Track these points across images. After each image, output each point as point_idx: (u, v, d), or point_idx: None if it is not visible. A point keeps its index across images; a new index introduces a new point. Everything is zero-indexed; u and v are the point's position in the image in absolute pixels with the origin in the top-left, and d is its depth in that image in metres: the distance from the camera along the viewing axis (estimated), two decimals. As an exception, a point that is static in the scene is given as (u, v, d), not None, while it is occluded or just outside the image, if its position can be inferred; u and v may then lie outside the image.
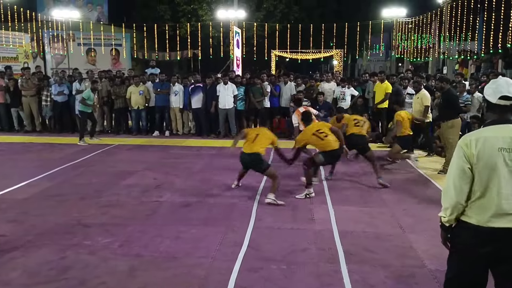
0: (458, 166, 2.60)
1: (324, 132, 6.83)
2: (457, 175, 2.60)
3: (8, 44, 22.83)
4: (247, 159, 6.69)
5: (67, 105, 12.90)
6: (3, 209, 6.01)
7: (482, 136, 2.57)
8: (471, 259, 2.60)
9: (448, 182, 2.66)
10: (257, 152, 6.61)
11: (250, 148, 6.64)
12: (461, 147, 2.61)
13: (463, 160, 2.58)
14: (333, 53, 26.62)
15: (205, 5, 28.74)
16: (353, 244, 4.87)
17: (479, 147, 2.53)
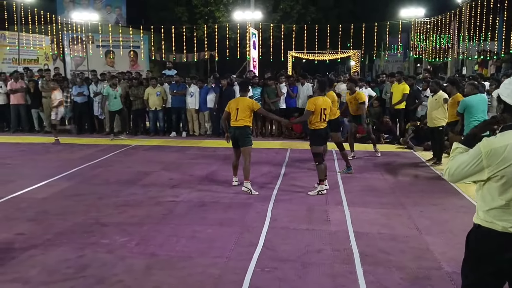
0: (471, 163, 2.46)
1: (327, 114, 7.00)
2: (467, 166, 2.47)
3: (29, 46, 23.25)
4: (236, 133, 6.96)
5: (87, 106, 13.10)
6: (23, 208, 6.14)
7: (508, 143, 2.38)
8: (491, 266, 2.47)
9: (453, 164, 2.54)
10: (244, 126, 6.96)
11: (236, 122, 6.94)
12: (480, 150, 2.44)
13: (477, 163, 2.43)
14: (350, 54, 26.45)
15: (222, 7, 28.85)
16: (369, 245, 4.85)
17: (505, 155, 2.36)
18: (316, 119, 6.87)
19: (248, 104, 7.04)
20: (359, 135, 11.69)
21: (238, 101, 7.13)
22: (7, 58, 22.91)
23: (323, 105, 6.85)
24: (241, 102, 7.08)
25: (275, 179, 7.74)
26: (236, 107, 7.00)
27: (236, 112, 6.96)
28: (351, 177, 7.97)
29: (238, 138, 7.02)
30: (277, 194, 6.86)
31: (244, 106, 6.98)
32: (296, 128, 12.50)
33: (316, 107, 6.80)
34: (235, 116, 6.97)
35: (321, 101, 6.87)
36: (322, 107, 6.83)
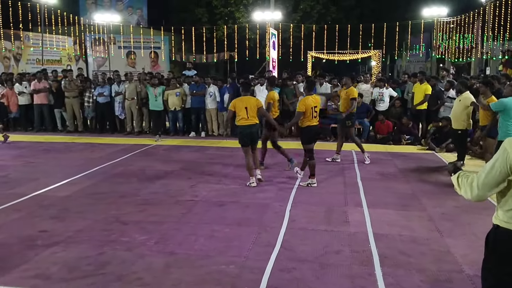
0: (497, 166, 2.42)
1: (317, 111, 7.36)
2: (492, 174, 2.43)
3: (52, 47, 23.69)
4: (250, 131, 7.33)
5: (108, 106, 13.28)
6: (46, 206, 6.25)
7: None
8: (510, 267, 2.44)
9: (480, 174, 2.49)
10: (256, 123, 7.41)
11: (249, 120, 7.29)
12: (506, 149, 2.41)
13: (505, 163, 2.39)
14: (371, 54, 26.18)
15: (241, 8, 28.92)
16: (388, 247, 4.79)
17: None
18: (308, 118, 7.21)
19: (254, 102, 7.43)
20: (379, 135, 11.60)
21: (244, 100, 7.38)
22: (31, 59, 23.38)
23: (312, 104, 7.23)
24: (248, 101, 7.37)
25: (293, 180, 7.71)
26: (244, 106, 7.27)
27: (245, 111, 7.24)
28: (371, 178, 7.89)
29: (254, 136, 7.43)
30: (296, 194, 6.83)
31: (253, 104, 7.34)
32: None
33: (306, 107, 7.14)
34: (246, 115, 7.26)
35: (310, 101, 7.23)
36: (312, 106, 7.21)
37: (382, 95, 11.93)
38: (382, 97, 11.92)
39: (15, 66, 21.99)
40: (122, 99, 13.11)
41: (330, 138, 12.01)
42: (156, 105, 12.26)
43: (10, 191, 6.94)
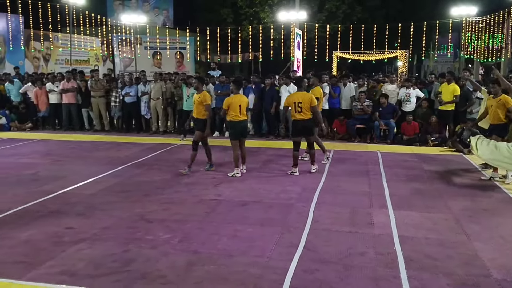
0: None
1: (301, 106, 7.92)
2: None
3: (80, 48, 24.16)
4: (241, 126, 8.08)
5: (135, 106, 13.45)
6: (73, 203, 6.37)
7: None
8: None
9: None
10: (245, 119, 8.25)
11: (242, 116, 8.02)
12: None
13: None
14: (398, 54, 25.85)
15: (266, 8, 28.93)
16: (414, 250, 4.71)
17: None
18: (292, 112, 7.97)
19: (246, 100, 8.36)
20: (405, 136, 11.42)
21: (238, 98, 8.05)
22: (60, 59, 23.92)
23: (296, 100, 7.95)
24: (241, 98, 8.14)
25: (317, 180, 7.66)
26: (239, 103, 7.96)
27: (239, 108, 7.95)
28: (397, 180, 7.78)
29: (244, 131, 8.29)
30: (319, 195, 6.79)
31: (245, 102, 8.18)
32: (339, 129, 12.34)
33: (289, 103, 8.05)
34: (238, 112, 7.96)
35: (295, 97, 8.07)
36: (296, 101, 7.92)
37: (409, 96, 11.74)
38: (409, 98, 11.74)
39: (44, 66, 22.56)
40: (148, 99, 13.27)
41: (355, 139, 11.89)
42: (187, 105, 11.90)
43: (38, 189, 7.10)
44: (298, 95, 8.11)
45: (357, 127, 12.04)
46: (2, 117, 13.76)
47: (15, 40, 20.13)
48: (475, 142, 2.68)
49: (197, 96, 8.18)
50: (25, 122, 14.13)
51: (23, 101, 14.31)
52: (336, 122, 12.31)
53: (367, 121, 11.90)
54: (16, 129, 13.87)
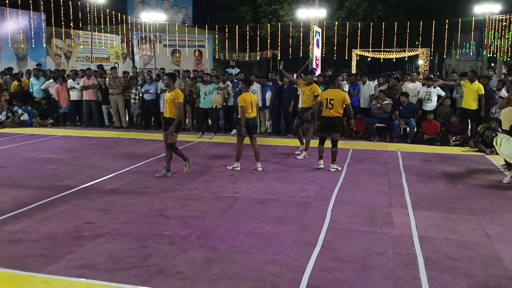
0: None
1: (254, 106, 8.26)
2: None
3: (101, 45, 24.45)
4: (252, 123, 8.29)
5: (154, 103, 13.55)
6: (93, 198, 6.44)
7: None
8: None
9: None
10: (256, 117, 8.46)
11: (253, 113, 8.21)
12: None
13: None
14: (419, 52, 25.52)
15: (286, 5, 28.83)
16: (434, 251, 4.63)
17: None
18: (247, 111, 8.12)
19: (256, 98, 8.56)
20: (426, 136, 11.26)
21: (249, 96, 8.23)
22: (81, 57, 24.24)
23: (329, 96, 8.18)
24: (252, 96, 8.35)
25: (336, 179, 7.61)
26: (250, 101, 8.15)
27: (250, 105, 8.12)
28: (417, 180, 7.67)
29: (255, 127, 8.43)
30: (338, 194, 6.73)
31: (255, 100, 8.39)
32: (358, 128, 12.23)
33: (322, 99, 8.33)
34: (250, 109, 8.13)
35: (327, 93, 8.30)
36: (329, 98, 8.16)
37: (430, 95, 11.56)
38: (430, 97, 11.55)
39: (65, 64, 22.90)
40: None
41: (375, 138, 11.77)
42: (204, 103, 12.02)
43: (59, 184, 7.20)
44: (331, 92, 8.29)
45: (377, 126, 11.92)
46: (24, 113, 14.01)
47: (37, 38, 20.48)
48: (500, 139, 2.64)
49: (169, 94, 7.71)
50: (46, 118, 14.35)
51: (45, 98, 14.52)
52: (355, 121, 12.17)
53: (387, 120, 11.76)
54: (38, 125, 14.10)
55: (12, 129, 13.28)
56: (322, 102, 8.31)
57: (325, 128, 8.35)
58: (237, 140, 8.33)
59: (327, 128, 8.33)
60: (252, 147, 8.38)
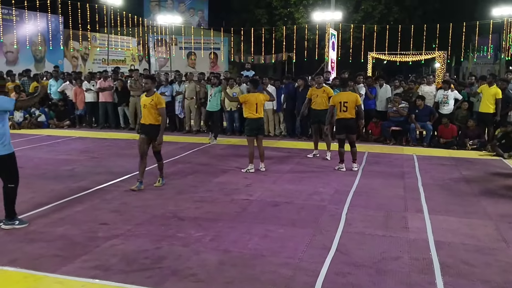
0: None
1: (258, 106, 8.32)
2: None
3: (117, 48, 24.68)
4: (258, 124, 8.30)
5: (170, 105, 13.61)
6: (108, 199, 6.48)
7: None
8: None
9: None
10: (262, 117, 8.47)
11: (258, 114, 8.23)
12: None
13: None
14: (436, 55, 25.21)
15: (301, 8, 28.78)
16: (450, 256, 4.56)
17: None
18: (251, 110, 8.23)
19: (263, 98, 8.47)
20: (443, 139, 11.12)
21: (254, 97, 8.27)
22: (97, 59, 24.50)
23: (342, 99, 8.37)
24: (258, 97, 8.32)
25: (351, 182, 7.55)
26: (255, 102, 8.19)
27: (255, 106, 8.18)
28: (433, 184, 7.57)
29: (261, 127, 8.43)
30: (353, 198, 6.67)
31: (261, 100, 8.35)
32: (374, 131, 12.13)
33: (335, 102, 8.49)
34: (255, 110, 8.17)
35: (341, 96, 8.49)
36: (342, 101, 8.34)
37: (447, 98, 11.41)
38: (447, 100, 11.41)
39: (82, 66, 23.17)
40: (182, 98, 13.41)
41: (390, 141, 11.66)
42: (211, 106, 11.92)
43: (75, 184, 7.27)
44: (344, 95, 8.51)
45: (393, 129, 11.80)
46: (41, 115, 14.20)
47: (54, 40, 20.76)
48: None
49: (148, 98, 6.95)
50: (63, 119, 14.52)
51: (62, 99, 14.69)
52: (371, 124, 12.10)
53: (403, 123, 11.64)
54: (55, 126, 14.28)
55: (30, 130, 13.46)
56: (335, 105, 8.48)
57: (343, 130, 8.51)
58: (247, 142, 8.41)
59: (345, 130, 8.48)
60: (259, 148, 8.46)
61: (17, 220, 5.29)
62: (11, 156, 5.24)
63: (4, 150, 5.13)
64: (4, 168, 5.21)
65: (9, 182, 5.25)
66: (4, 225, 5.22)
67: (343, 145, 8.55)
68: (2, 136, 5.10)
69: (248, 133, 8.38)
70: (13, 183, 5.26)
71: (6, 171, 5.24)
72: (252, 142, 8.32)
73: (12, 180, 5.26)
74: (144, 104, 6.98)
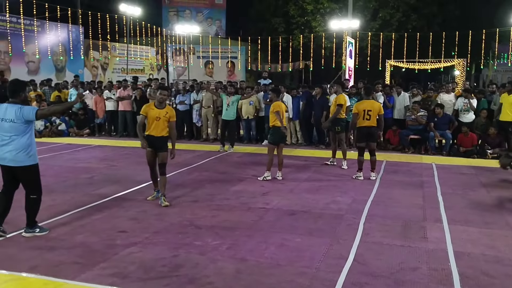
0: None
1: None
2: None
3: (136, 57, 25.01)
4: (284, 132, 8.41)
5: (187, 114, 13.76)
6: (126, 207, 6.55)
7: None
8: None
9: None
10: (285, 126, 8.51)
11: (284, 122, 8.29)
12: None
13: None
14: (455, 63, 24.94)
15: (318, 16, 28.80)
16: (470, 267, 4.49)
17: None
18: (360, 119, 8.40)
19: (284, 107, 8.62)
20: (463, 148, 10.96)
21: (282, 106, 8.40)
22: (117, 68, 24.87)
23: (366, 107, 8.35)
24: (282, 106, 8.42)
25: (368, 191, 7.49)
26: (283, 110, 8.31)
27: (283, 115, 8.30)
28: (452, 193, 7.47)
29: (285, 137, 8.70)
30: (370, 207, 6.62)
31: (284, 109, 8.54)
32: (392, 140, 12.03)
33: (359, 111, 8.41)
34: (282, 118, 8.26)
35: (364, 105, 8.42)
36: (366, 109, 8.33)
37: (467, 106, 11.26)
38: (468, 108, 11.26)
39: (102, 75, 23.54)
40: (199, 107, 13.52)
41: (409, 150, 11.54)
42: (227, 115, 11.80)
43: (94, 192, 7.37)
44: (367, 103, 8.46)
45: (411, 137, 11.69)
46: (62, 123, 14.45)
47: (75, 50, 21.17)
48: None
49: (162, 111, 6.72)
50: (83, 128, 14.75)
51: (82, 108, 14.93)
52: (389, 132, 12.00)
53: (422, 131, 11.52)
54: (75, 134, 14.51)
55: (50, 138, 13.71)
56: (358, 113, 8.39)
57: (364, 138, 8.47)
58: (268, 150, 8.46)
59: (366, 138, 8.45)
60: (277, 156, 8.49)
61: (38, 228, 5.34)
62: (36, 166, 5.25)
63: (30, 160, 5.14)
64: (28, 178, 5.23)
65: (32, 192, 5.26)
66: (25, 232, 5.29)
67: (363, 153, 8.50)
68: (28, 147, 5.10)
69: (271, 141, 8.42)
70: (35, 194, 5.27)
71: (30, 182, 5.25)
72: (273, 150, 8.38)
73: (35, 191, 5.28)
74: (158, 117, 6.68)
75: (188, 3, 33.59)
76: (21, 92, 5.20)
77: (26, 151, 5.08)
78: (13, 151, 5.03)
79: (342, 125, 9.79)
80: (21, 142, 5.04)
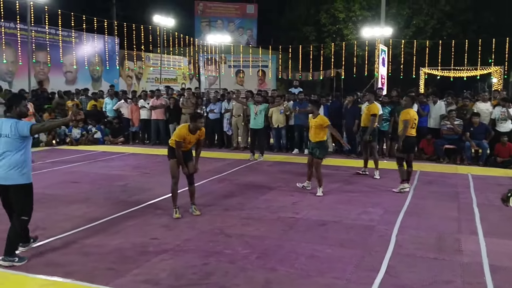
0: None
1: None
2: None
3: (169, 67, 25.49)
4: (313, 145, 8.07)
5: (218, 122, 13.89)
6: (158, 214, 6.66)
7: None
8: None
9: None
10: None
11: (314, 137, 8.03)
12: None
13: None
14: (492, 70, 24.31)
15: (350, 25, 28.65)
16: (507, 281, 4.35)
17: None
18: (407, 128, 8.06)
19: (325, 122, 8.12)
20: (500, 158, 10.65)
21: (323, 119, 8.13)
22: (150, 78, 25.38)
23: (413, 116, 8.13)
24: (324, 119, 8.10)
25: (401, 203, 7.36)
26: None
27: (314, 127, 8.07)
28: (489, 205, 7.26)
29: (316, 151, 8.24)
30: (403, 218, 6.50)
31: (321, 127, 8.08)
32: (426, 149, 11.79)
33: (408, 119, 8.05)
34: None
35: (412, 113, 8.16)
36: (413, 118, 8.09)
37: (505, 115, 10.94)
38: (505, 117, 10.94)
39: (136, 84, 24.07)
40: (230, 115, 13.63)
41: (444, 160, 11.29)
42: (255, 123, 11.80)
43: (128, 199, 7.52)
44: (413, 112, 8.27)
45: (446, 147, 11.44)
46: (97, 132, 14.83)
47: (111, 60, 21.75)
48: None
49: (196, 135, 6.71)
50: (117, 136, 15.09)
51: (117, 117, 15.29)
52: (423, 142, 11.76)
53: (457, 141, 11.26)
54: (109, 143, 14.86)
55: (86, 146, 14.08)
56: (409, 121, 8.02)
57: (410, 148, 8.31)
58: (318, 166, 7.99)
59: (411, 148, 8.34)
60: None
61: (17, 257, 4.76)
62: (29, 186, 4.83)
63: (22, 178, 4.73)
64: (19, 198, 4.77)
65: (22, 214, 4.77)
66: (2, 261, 4.69)
67: (402, 163, 8.24)
68: (22, 164, 4.70)
69: (322, 156, 8.03)
70: (26, 216, 4.81)
71: (21, 202, 4.78)
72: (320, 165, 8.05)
73: (26, 213, 4.81)
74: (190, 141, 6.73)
75: (220, 13, 34.04)
76: (16, 106, 4.79)
77: (19, 168, 4.68)
78: (6, 168, 4.66)
79: (374, 134, 9.68)
80: (14, 159, 4.66)
